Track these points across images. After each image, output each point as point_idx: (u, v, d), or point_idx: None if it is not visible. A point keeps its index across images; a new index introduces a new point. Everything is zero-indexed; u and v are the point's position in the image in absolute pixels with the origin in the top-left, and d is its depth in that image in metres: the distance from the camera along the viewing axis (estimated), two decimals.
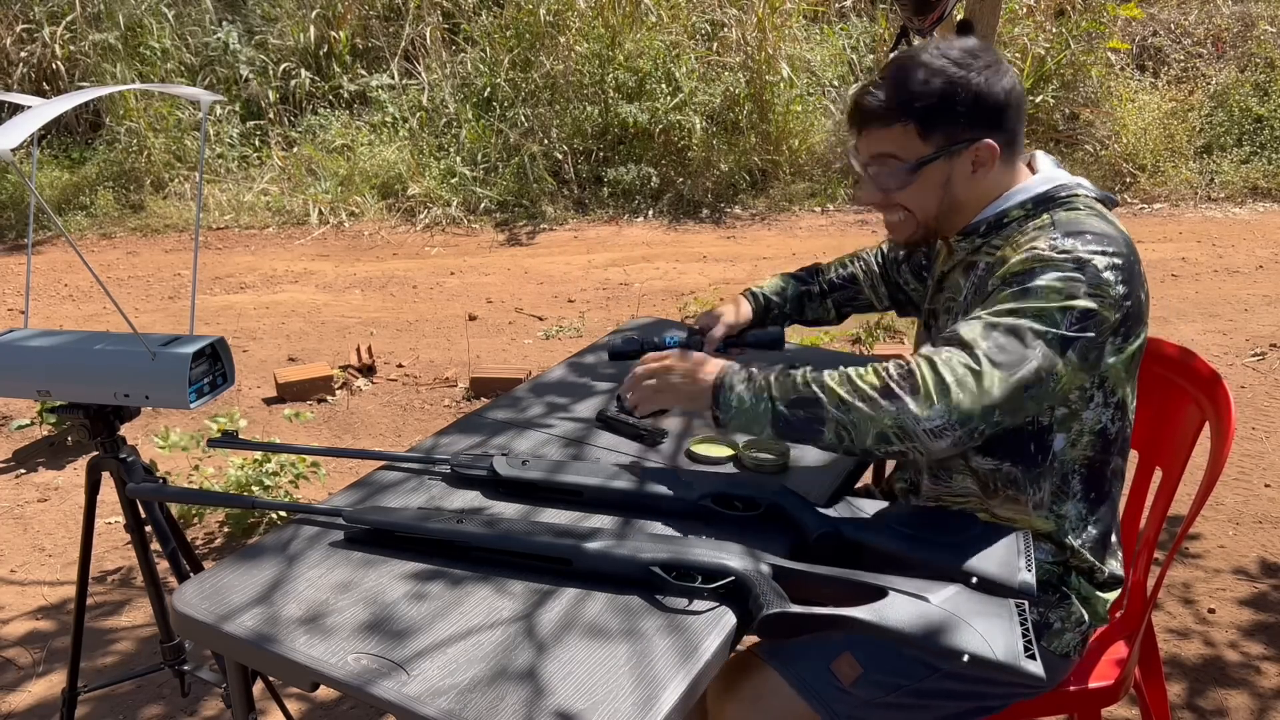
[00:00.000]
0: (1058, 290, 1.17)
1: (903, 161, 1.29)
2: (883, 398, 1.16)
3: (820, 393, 1.19)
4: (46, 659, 2.36)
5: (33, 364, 1.50)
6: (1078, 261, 1.18)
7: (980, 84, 1.26)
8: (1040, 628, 1.35)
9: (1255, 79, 6.98)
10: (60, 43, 7.15)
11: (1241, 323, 4.41)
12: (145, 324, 4.74)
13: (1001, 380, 1.15)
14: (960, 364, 1.15)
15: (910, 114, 1.27)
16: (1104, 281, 1.18)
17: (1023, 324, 1.16)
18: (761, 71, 6.73)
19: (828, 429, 1.19)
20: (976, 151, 1.29)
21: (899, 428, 1.15)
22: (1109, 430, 1.31)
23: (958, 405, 1.14)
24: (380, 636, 1.09)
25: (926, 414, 1.14)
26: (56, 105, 1.37)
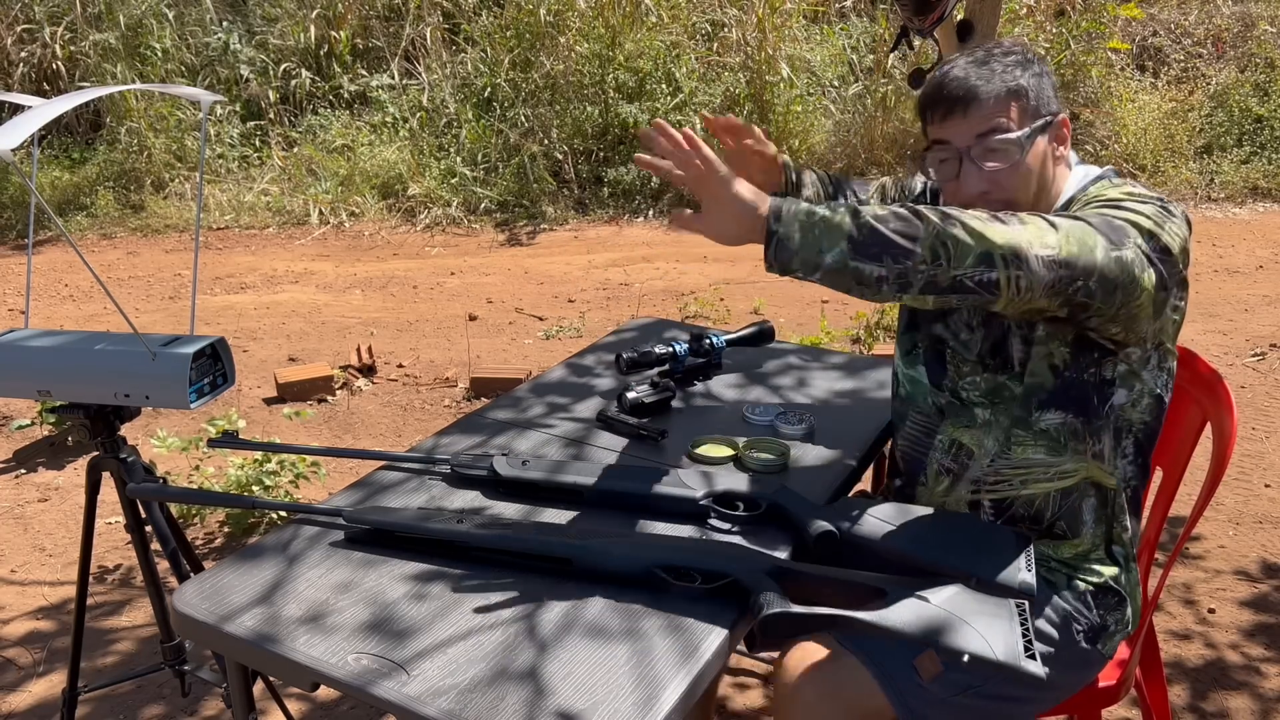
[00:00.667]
0: (1149, 217, 1.18)
1: (1013, 133, 1.27)
2: (991, 221, 1.09)
3: (916, 209, 1.09)
4: (47, 659, 2.36)
5: (33, 364, 1.50)
6: (1162, 203, 1.21)
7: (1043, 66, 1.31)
8: (1098, 630, 1.35)
9: (1255, 79, 6.98)
10: (61, 43, 7.16)
11: (1242, 323, 4.41)
12: (145, 324, 4.74)
13: (1105, 248, 1.12)
14: (1068, 220, 1.13)
15: (1014, 92, 1.27)
16: (1180, 227, 1.22)
17: (1119, 221, 1.16)
18: (761, 72, 6.73)
19: (922, 244, 1.07)
20: (1061, 126, 1.31)
21: (1010, 246, 1.07)
22: (1164, 399, 1.33)
23: (1068, 243, 1.10)
24: (380, 636, 1.09)
25: (1040, 240, 1.09)
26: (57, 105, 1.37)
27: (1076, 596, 1.35)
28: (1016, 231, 1.08)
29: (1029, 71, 1.28)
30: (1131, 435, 1.34)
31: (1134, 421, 1.33)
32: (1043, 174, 1.30)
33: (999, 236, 1.07)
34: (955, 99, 1.28)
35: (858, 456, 1.52)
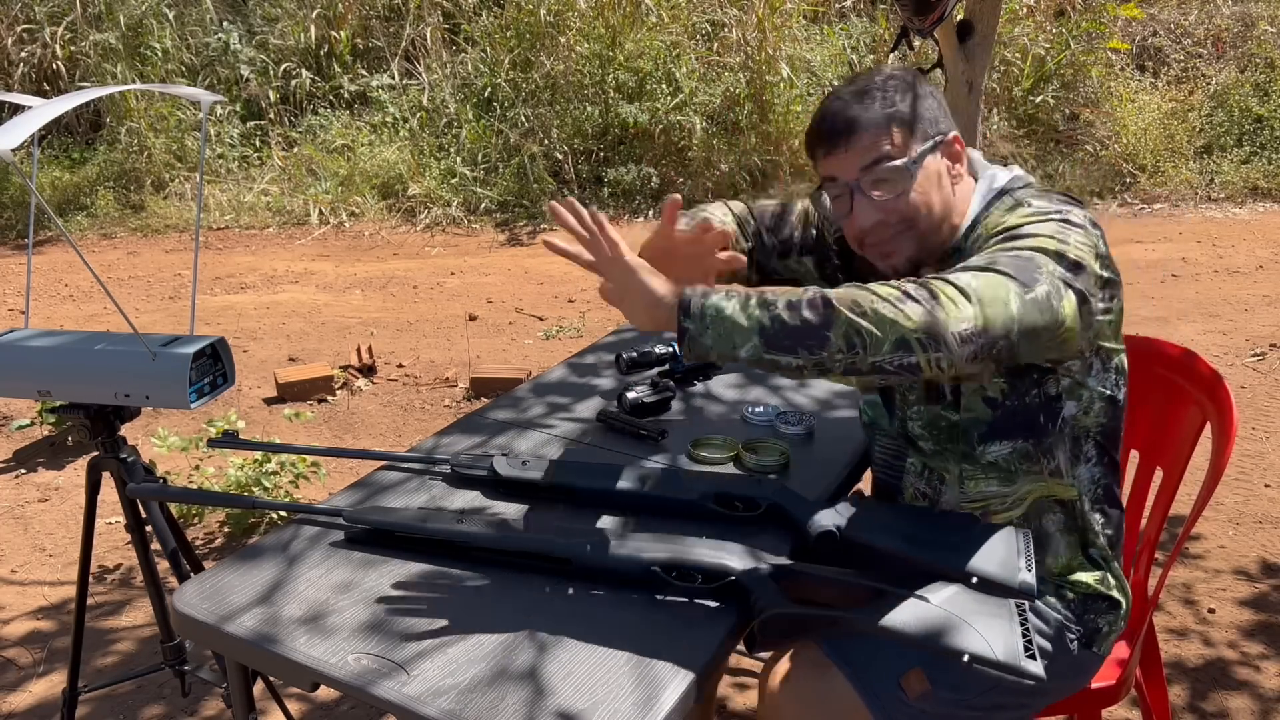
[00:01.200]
0: (1051, 237, 1.16)
1: (898, 160, 1.25)
2: (903, 302, 1.05)
3: (825, 297, 1.07)
4: (47, 659, 2.36)
5: (33, 364, 1.50)
6: (1061, 216, 1.20)
7: (931, 87, 1.31)
8: (1093, 634, 1.35)
9: (1255, 79, 6.98)
10: (61, 43, 7.16)
11: (1242, 323, 4.41)
12: (145, 324, 4.74)
13: (1018, 294, 1.09)
14: (976, 275, 1.09)
15: (894, 113, 1.27)
16: (1090, 236, 1.19)
17: (1025, 253, 1.13)
18: (762, 72, 6.73)
19: (835, 333, 1.05)
20: (953, 144, 1.30)
21: (925, 330, 1.04)
22: (1118, 398, 1.32)
23: (982, 310, 1.06)
24: (380, 636, 1.09)
25: (955, 315, 1.05)
26: (57, 105, 1.37)
27: (1066, 605, 1.35)
28: (930, 311, 1.05)
29: (909, 95, 1.26)
30: (1090, 439, 1.32)
31: (1090, 427, 1.31)
32: (941, 196, 1.28)
33: (913, 320, 1.04)
34: (836, 133, 1.26)
35: (858, 457, 1.52)
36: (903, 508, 1.35)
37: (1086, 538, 1.35)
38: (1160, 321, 4.43)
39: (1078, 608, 1.35)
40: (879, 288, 1.08)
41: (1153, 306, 4.65)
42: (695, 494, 1.31)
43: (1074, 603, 1.35)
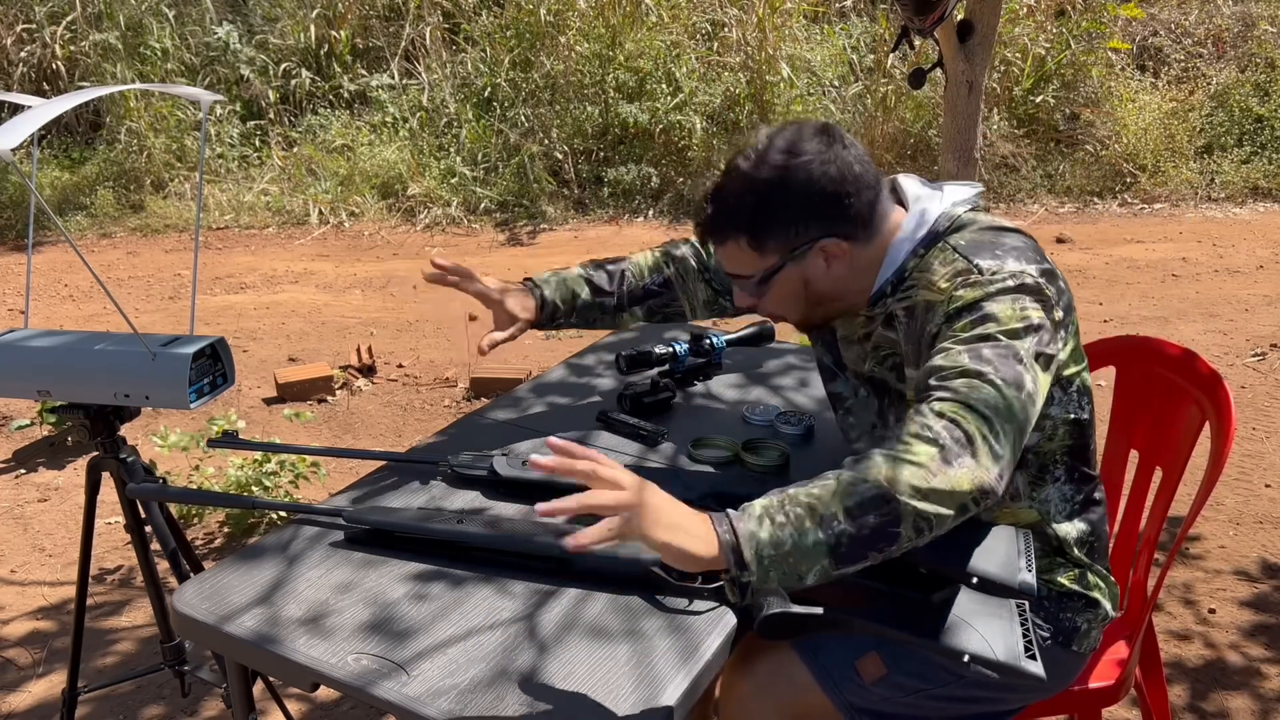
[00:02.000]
0: (1010, 312, 1.14)
1: (748, 278, 1.28)
2: (950, 465, 1.01)
3: (875, 483, 1.00)
4: (46, 659, 2.36)
5: (33, 364, 1.50)
6: (1014, 276, 1.16)
7: (805, 181, 1.21)
8: (1070, 632, 1.35)
9: (1255, 79, 6.98)
10: (60, 43, 7.16)
11: (1242, 323, 4.41)
12: (145, 324, 4.74)
13: (1019, 401, 1.08)
14: (990, 392, 1.06)
15: (740, 230, 1.24)
16: (1041, 289, 1.17)
17: (1003, 344, 1.11)
18: (762, 71, 6.73)
19: (904, 527, 1.00)
20: (823, 250, 1.25)
21: (978, 490, 1.01)
22: (1082, 418, 1.31)
23: (1008, 444, 1.05)
24: (381, 637, 1.09)
25: (990, 461, 1.02)
26: (56, 105, 1.37)
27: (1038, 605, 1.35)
28: (975, 469, 1.01)
29: (767, 206, 1.22)
30: (1058, 462, 1.31)
31: (1054, 450, 1.30)
32: (814, 292, 1.29)
33: (966, 485, 1.01)
34: (704, 229, 1.29)
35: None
36: None
37: (1061, 548, 1.35)
38: (1160, 321, 4.43)
39: (1052, 605, 1.35)
40: (918, 451, 1.01)
41: (1153, 306, 4.65)
42: (695, 494, 1.31)
43: (1048, 600, 1.35)
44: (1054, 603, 1.35)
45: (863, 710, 1.30)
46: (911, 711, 1.32)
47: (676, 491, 1.31)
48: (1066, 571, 1.35)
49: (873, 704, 1.30)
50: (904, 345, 1.28)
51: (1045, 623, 1.34)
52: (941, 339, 1.16)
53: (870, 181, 1.25)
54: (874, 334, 1.34)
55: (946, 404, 1.06)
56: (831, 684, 1.29)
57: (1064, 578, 1.34)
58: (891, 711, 1.31)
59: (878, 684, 1.29)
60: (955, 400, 1.06)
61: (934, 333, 1.19)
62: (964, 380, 1.08)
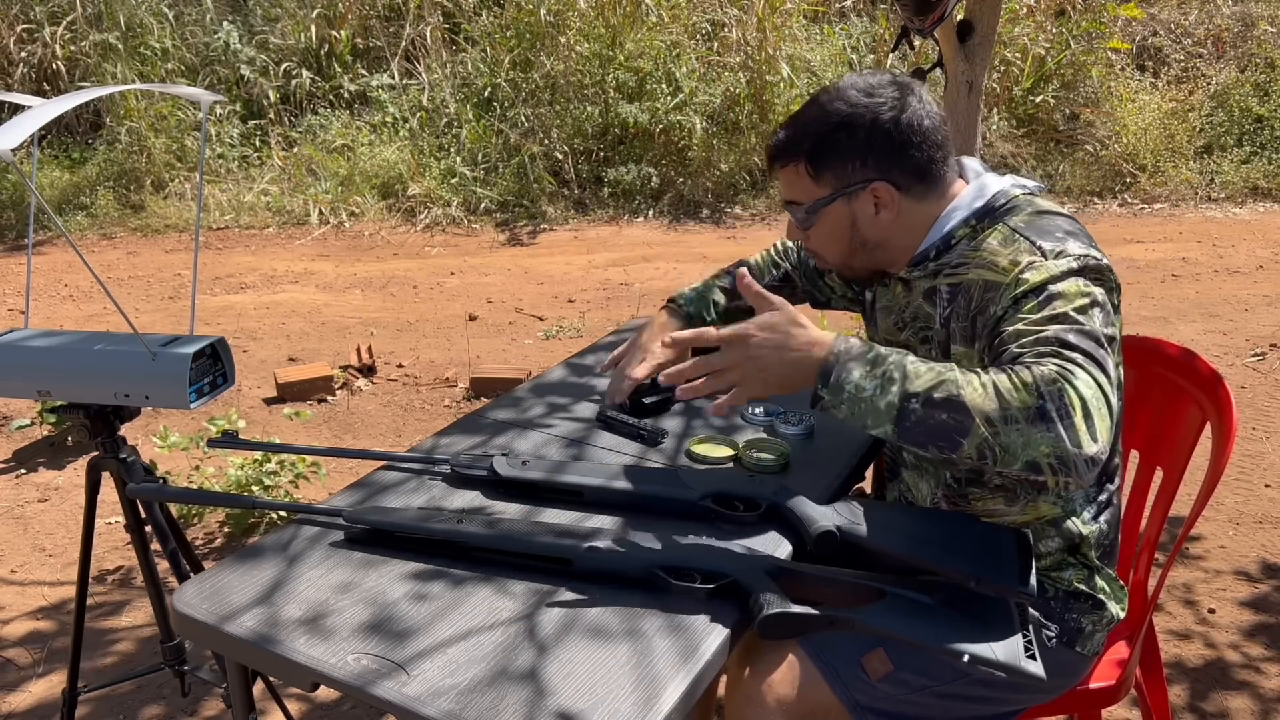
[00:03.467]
0: (1080, 292, 1.15)
1: (800, 205, 1.31)
2: (1040, 421, 1.03)
3: (966, 399, 1.05)
4: (46, 659, 2.36)
5: (33, 364, 1.50)
6: (1079, 260, 1.19)
7: (871, 122, 1.25)
8: (1075, 633, 1.35)
9: (1255, 79, 6.98)
10: (60, 43, 7.16)
11: (1242, 323, 4.41)
12: (145, 324, 4.74)
13: (1113, 389, 1.09)
14: (1089, 378, 1.06)
15: (801, 154, 1.28)
16: (1102, 267, 1.20)
17: (1080, 325, 1.12)
18: (762, 71, 6.73)
19: (969, 443, 1.05)
20: (874, 193, 1.28)
21: (1058, 458, 1.03)
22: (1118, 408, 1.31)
23: (1105, 425, 1.05)
24: (381, 637, 1.09)
25: (1089, 445, 1.03)
26: (56, 105, 1.37)
27: (1045, 602, 1.35)
28: (1061, 436, 1.02)
29: (832, 139, 1.26)
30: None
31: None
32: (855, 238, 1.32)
33: (1046, 448, 1.02)
34: (770, 158, 1.34)
35: (857, 456, 1.52)
36: (903, 508, 1.36)
37: (1077, 547, 1.35)
38: (1160, 321, 4.43)
39: (1058, 605, 1.35)
40: (1015, 393, 1.04)
41: (1153, 306, 4.64)
42: (695, 494, 1.31)
43: (1054, 600, 1.35)
44: (1060, 602, 1.35)
45: (869, 709, 1.30)
46: (918, 710, 1.32)
47: (676, 491, 1.32)
48: (1076, 571, 1.35)
49: (879, 702, 1.30)
50: (952, 324, 1.28)
51: (1051, 622, 1.34)
52: (1009, 321, 1.17)
53: (937, 141, 1.28)
54: (911, 305, 1.36)
55: (1051, 364, 1.06)
56: (839, 682, 1.29)
57: (1073, 577, 1.35)
58: (897, 710, 1.31)
59: (884, 681, 1.29)
60: (1058, 365, 1.06)
61: (998, 314, 1.21)
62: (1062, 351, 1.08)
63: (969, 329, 1.26)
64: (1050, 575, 1.35)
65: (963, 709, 1.34)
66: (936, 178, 1.30)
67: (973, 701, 1.33)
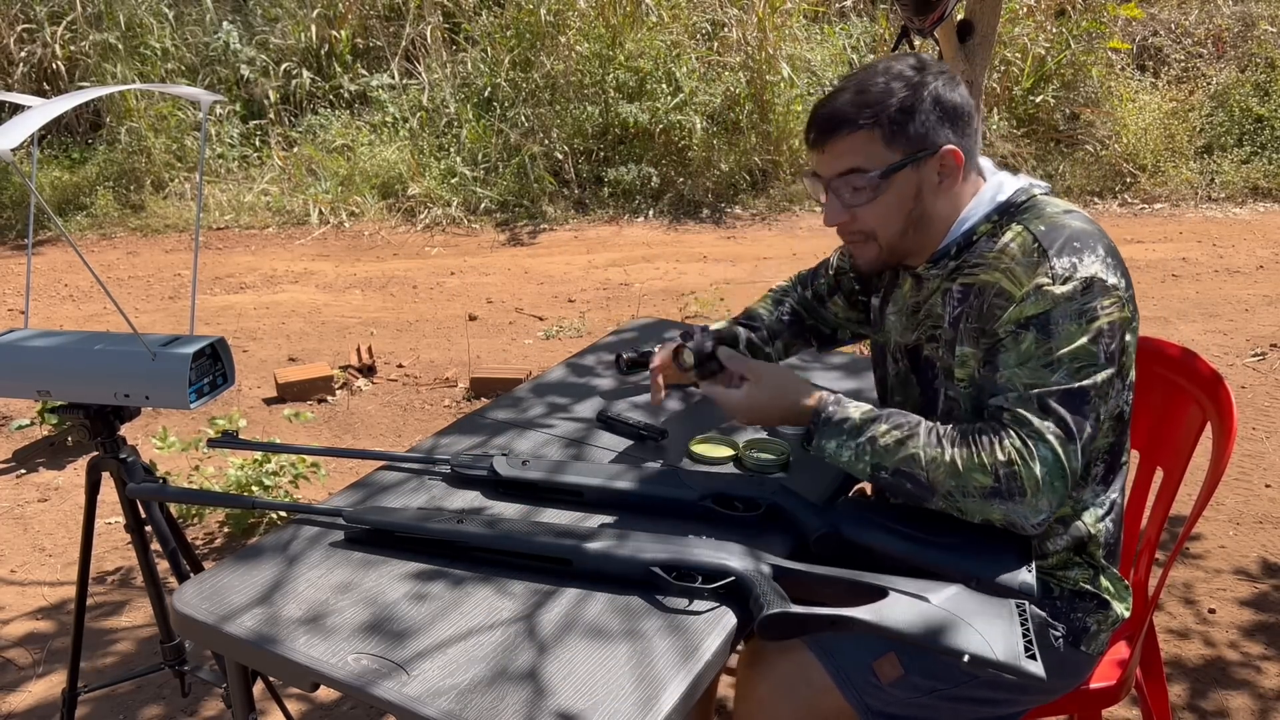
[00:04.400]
0: (1079, 323, 1.18)
1: (869, 172, 1.26)
2: (993, 498, 1.17)
3: (926, 477, 1.20)
4: (46, 659, 2.36)
5: (33, 364, 1.50)
6: (1085, 282, 1.18)
7: (938, 89, 1.25)
8: (1080, 633, 1.35)
9: (1255, 79, 6.98)
10: (60, 43, 7.15)
11: (1242, 323, 4.41)
12: (145, 324, 4.74)
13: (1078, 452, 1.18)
14: (1049, 454, 1.16)
15: (873, 120, 1.24)
16: (1110, 287, 1.19)
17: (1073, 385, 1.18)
18: (762, 71, 6.73)
19: (935, 501, 1.22)
20: (942, 159, 1.27)
21: (1008, 522, 1.19)
22: (1125, 412, 1.33)
23: (1057, 496, 1.17)
24: (380, 637, 1.09)
25: (1036, 517, 1.18)
26: (56, 105, 1.37)
27: (1051, 602, 1.35)
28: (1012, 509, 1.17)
29: (901, 102, 1.24)
30: (1100, 462, 1.32)
31: (1100, 448, 1.31)
32: (916, 209, 1.28)
33: (996, 516, 1.19)
34: (822, 131, 1.28)
35: None
36: (903, 508, 1.35)
37: (1084, 546, 1.35)
38: (1160, 321, 4.43)
39: (1064, 605, 1.35)
40: (973, 473, 1.18)
41: (1153, 306, 4.64)
42: (695, 494, 1.31)
43: (1060, 599, 1.35)
44: (1066, 602, 1.35)
45: (881, 713, 1.30)
46: (927, 713, 1.32)
47: (676, 491, 1.32)
48: (1082, 571, 1.35)
49: (890, 706, 1.30)
50: (961, 324, 1.28)
51: (1058, 622, 1.34)
52: (1007, 349, 1.21)
53: (977, 125, 1.32)
54: (923, 305, 1.35)
55: (1013, 441, 1.17)
56: (850, 686, 1.29)
57: (1079, 576, 1.35)
58: (907, 714, 1.31)
59: (895, 685, 1.29)
60: (1021, 440, 1.17)
61: (999, 334, 1.22)
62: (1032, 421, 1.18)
63: (974, 331, 1.26)
64: (1055, 574, 1.35)
65: (972, 711, 1.34)
66: (976, 164, 1.32)
67: (980, 704, 1.33)
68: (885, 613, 1.10)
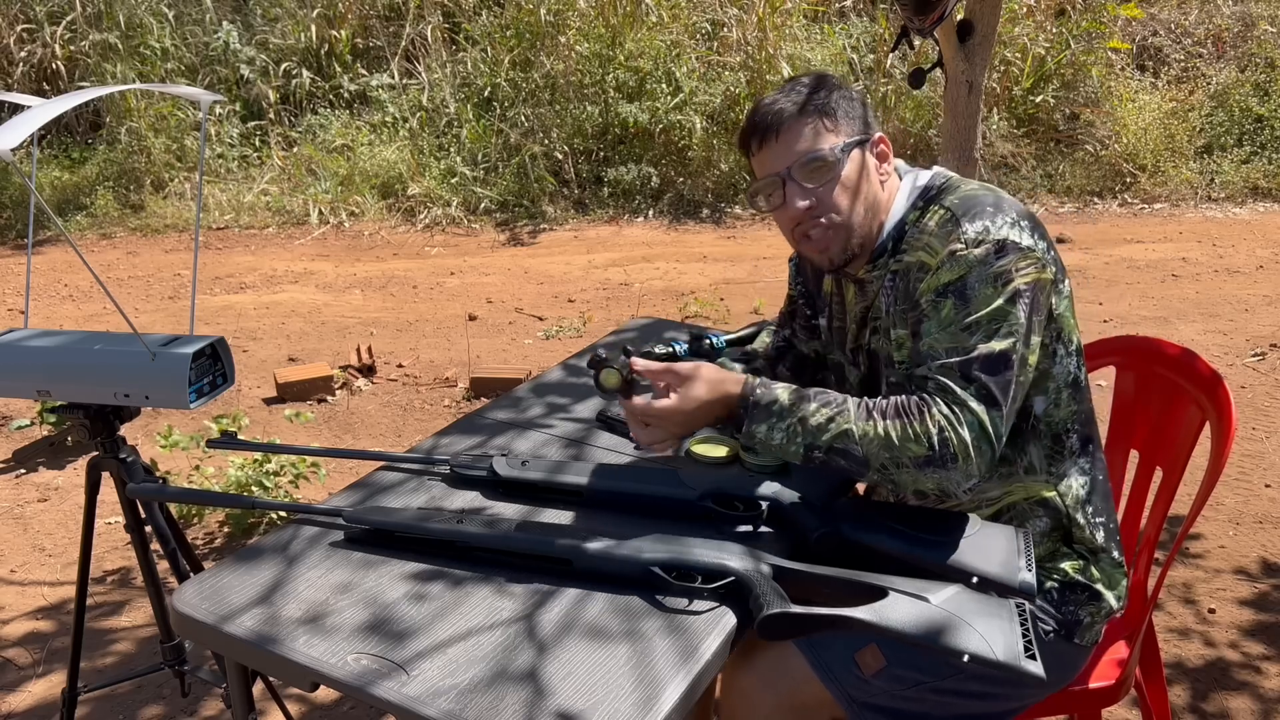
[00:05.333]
0: (995, 285, 1.22)
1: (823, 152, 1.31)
2: (926, 466, 1.20)
3: (860, 451, 1.22)
4: (46, 659, 2.36)
5: (33, 364, 1.50)
6: (998, 245, 1.23)
7: (848, 92, 1.36)
8: (1071, 625, 1.35)
9: (1255, 79, 6.98)
10: (60, 43, 7.15)
11: (1242, 323, 4.41)
12: (145, 324, 4.74)
13: (1005, 416, 1.21)
14: (974, 420, 1.19)
15: (815, 111, 1.32)
16: (1025, 249, 1.24)
17: (994, 347, 1.21)
18: (762, 71, 6.73)
19: (869, 475, 1.25)
20: (877, 144, 1.35)
21: (940, 490, 1.22)
22: (1079, 378, 1.36)
23: (985, 461, 1.20)
24: (380, 637, 1.09)
25: (967, 482, 1.21)
26: (56, 105, 1.37)
27: (1043, 594, 1.35)
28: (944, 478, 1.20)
29: (835, 94, 1.34)
30: (1072, 432, 1.34)
31: (1065, 418, 1.34)
32: (868, 190, 1.34)
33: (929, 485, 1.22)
34: (768, 126, 1.33)
35: None
36: (903, 507, 1.36)
37: (1072, 532, 1.36)
38: (1160, 321, 4.43)
39: (1055, 597, 1.35)
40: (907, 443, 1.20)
41: (1153, 306, 4.65)
42: (695, 494, 1.31)
43: (1051, 592, 1.35)
44: (1058, 593, 1.35)
45: (866, 705, 1.31)
46: (915, 706, 1.32)
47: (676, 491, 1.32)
48: (1071, 560, 1.35)
49: (876, 698, 1.31)
50: (893, 309, 1.34)
51: (1048, 615, 1.34)
52: (929, 318, 1.25)
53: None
54: (871, 306, 1.40)
55: (941, 409, 1.20)
56: (832, 678, 1.31)
57: (1068, 566, 1.35)
58: (895, 707, 1.31)
59: (878, 676, 1.30)
60: (948, 407, 1.20)
61: (921, 304, 1.26)
62: (955, 390, 1.20)
63: (906, 309, 1.32)
64: (1045, 566, 1.35)
65: (963, 706, 1.34)
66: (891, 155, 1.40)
67: (971, 698, 1.33)
68: (885, 613, 1.10)
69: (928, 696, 1.32)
